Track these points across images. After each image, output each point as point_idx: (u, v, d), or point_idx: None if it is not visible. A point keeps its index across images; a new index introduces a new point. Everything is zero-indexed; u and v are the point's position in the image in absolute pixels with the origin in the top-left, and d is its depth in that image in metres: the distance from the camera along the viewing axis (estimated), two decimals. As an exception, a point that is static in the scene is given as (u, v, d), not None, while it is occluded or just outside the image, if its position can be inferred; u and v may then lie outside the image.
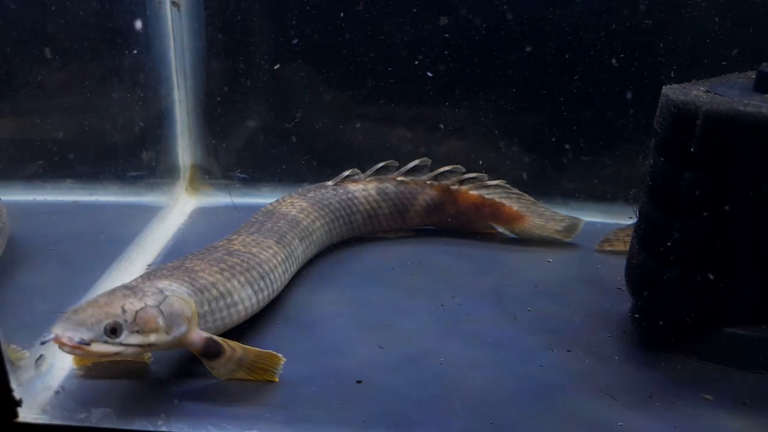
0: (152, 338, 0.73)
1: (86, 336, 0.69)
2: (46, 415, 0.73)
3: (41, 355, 0.79)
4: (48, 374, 0.79)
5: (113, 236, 1.12)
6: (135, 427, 0.71)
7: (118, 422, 0.71)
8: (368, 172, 1.19)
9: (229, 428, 0.72)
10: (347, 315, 0.95)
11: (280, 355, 0.79)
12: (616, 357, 0.86)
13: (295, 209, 1.08)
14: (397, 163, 1.20)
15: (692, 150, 0.74)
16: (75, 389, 0.77)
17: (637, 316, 0.91)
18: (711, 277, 0.79)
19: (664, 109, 0.79)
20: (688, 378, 0.82)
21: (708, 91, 0.80)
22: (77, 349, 0.69)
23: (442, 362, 0.85)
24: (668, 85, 0.82)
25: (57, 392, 0.76)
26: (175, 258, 0.91)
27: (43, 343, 0.72)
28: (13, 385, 0.70)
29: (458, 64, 1.26)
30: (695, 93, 0.78)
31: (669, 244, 0.78)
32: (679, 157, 0.77)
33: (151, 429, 0.71)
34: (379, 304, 0.98)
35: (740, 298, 0.80)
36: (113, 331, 0.70)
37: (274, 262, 0.94)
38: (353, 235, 1.18)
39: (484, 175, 1.19)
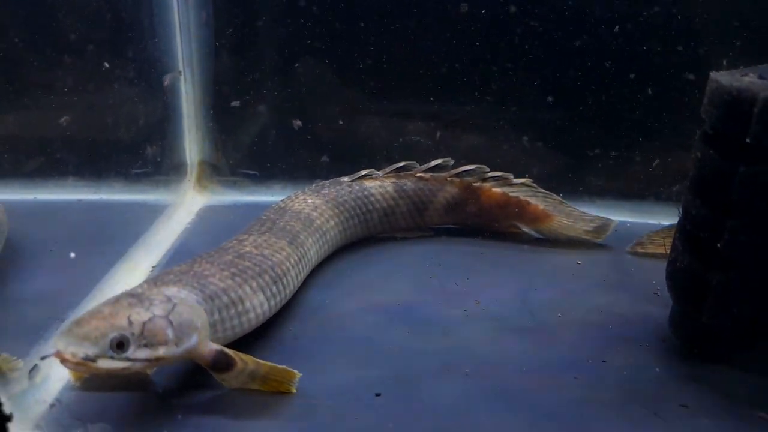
0: (161, 351, 0.66)
1: (91, 351, 0.63)
2: (40, 431, 0.67)
3: (35, 365, 0.74)
4: (42, 386, 0.73)
5: (116, 236, 1.07)
6: (135, 446, 0.65)
7: (117, 440, 0.66)
8: (386, 170, 1.12)
9: (238, 447, 0.66)
10: (364, 321, 0.89)
11: (294, 371, 0.73)
12: (657, 369, 0.80)
13: (309, 207, 1.02)
14: (417, 165, 1.13)
15: (748, 141, 0.67)
16: (71, 403, 0.72)
17: (678, 323, 0.84)
18: (766, 283, 0.72)
19: (714, 96, 0.71)
20: (739, 393, 0.75)
21: (761, 77, 0.73)
22: (81, 365, 0.63)
23: (468, 373, 0.78)
24: (716, 72, 0.75)
25: (52, 406, 0.71)
26: (182, 259, 0.85)
27: (43, 359, 0.67)
28: (3, 398, 0.64)
29: (479, 57, 1.20)
30: (749, 79, 0.71)
31: (719, 245, 0.71)
32: (732, 149, 0.70)
33: (153, 448, 0.65)
34: (398, 309, 0.92)
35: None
36: (120, 345, 0.64)
37: (287, 264, 0.88)
38: (369, 234, 1.11)
39: (510, 175, 1.12)
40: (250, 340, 0.81)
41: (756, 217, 0.70)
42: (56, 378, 0.75)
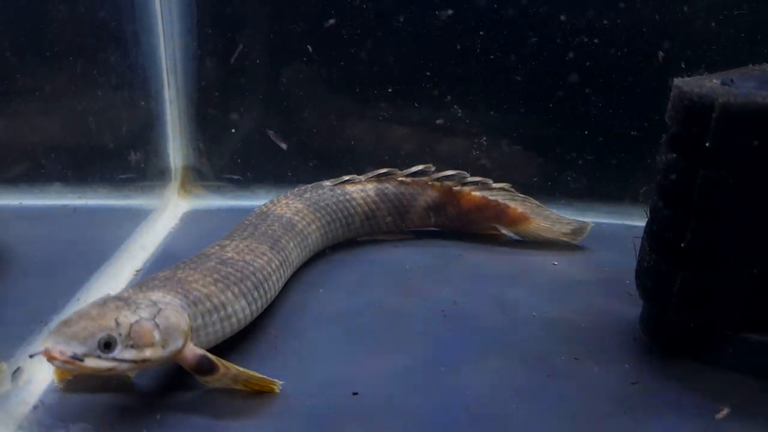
0: (147, 353, 0.68)
1: (79, 350, 0.65)
2: (23, 432, 0.69)
3: (19, 368, 0.75)
4: (26, 388, 0.75)
5: (100, 241, 1.08)
6: (115, 445, 0.67)
7: (98, 439, 0.67)
8: (368, 175, 1.14)
9: (216, 445, 0.68)
10: (344, 321, 0.91)
11: (275, 381, 0.75)
12: (627, 365, 0.82)
13: (290, 211, 1.04)
14: (398, 171, 1.15)
15: (707, 145, 0.70)
16: (54, 404, 0.73)
17: (648, 321, 0.86)
18: (728, 280, 0.74)
19: (676, 102, 0.74)
20: (704, 387, 0.78)
21: (723, 84, 0.75)
22: (69, 364, 0.64)
23: (443, 371, 0.80)
24: (680, 78, 0.78)
25: (35, 407, 0.72)
26: (165, 263, 0.87)
27: (32, 357, 0.67)
28: (-14, 400, 0.66)
29: (459, 63, 1.22)
30: (710, 85, 0.74)
31: (682, 245, 0.74)
32: (693, 153, 0.72)
33: (133, 446, 0.67)
34: (378, 309, 0.94)
35: (759, 302, 0.76)
36: (107, 345, 0.66)
37: (269, 269, 0.90)
38: (351, 236, 1.13)
39: (489, 180, 1.15)
40: (231, 339, 0.83)
41: (716, 217, 0.72)
42: (39, 380, 0.76)
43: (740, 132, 0.69)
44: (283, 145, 1.20)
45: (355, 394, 0.76)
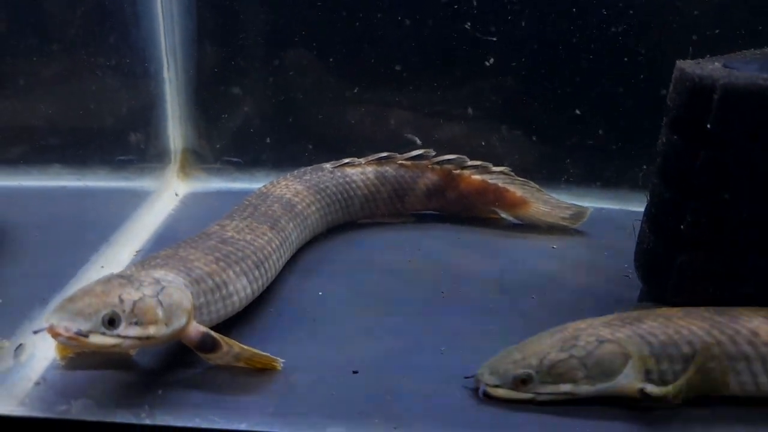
0: (151, 330, 0.68)
1: (84, 327, 0.65)
2: (24, 408, 0.69)
3: (21, 344, 0.75)
4: (28, 364, 0.75)
5: (100, 222, 1.08)
6: (117, 420, 0.67)
7: (100, 414, 0.68)
8: (368, 158, 1.14)
9: (217, 420, 0.68)
10: (343, 302, 0.91)
11: (277, 358, 0.75)
12: (625, 347, 0.82)
13: (290, 192, 1.04)
14: (398, 155, 1.15)
15: (708, 127, 0.70)
16: (56, 380, 0.73)
17: (646, 304, 0.87)
18: (726, 262, 0.75)
19: (678, 83, 0.74)
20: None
21: (725, 66, 0.76)
22: (73, 340, 0.65)
23: (443, 352, 0.81)
24: (682, 60, 0.78)
25: (37, 383, 0.73)
26: (165, 244, 0.87)
27: (36, 332, 0.67)
28: (-11, 375, 0.66)
29: (459, 47, 1.22)
30: (712, 67, 0.74)
31: (682, 227, 0.74)
32: (693, 135, 0.73)
33: (134, 421, 0.67)
34: (377, 291, 0.94)
35: (758, 284, 0.76)
36: (111, 322, 0.66)
37: (269, 249, 0.90)
38: (350, 219, 1.14)
39: (489, 163, 1.15)
40: (232, 319, 0.83)
41: (716, 199, 0.73)
42: (41, 357, 0.76)
43: (741, 114, 0.69)
44: (419, 141, 1.22)
45: (355, 372, 0.76)
